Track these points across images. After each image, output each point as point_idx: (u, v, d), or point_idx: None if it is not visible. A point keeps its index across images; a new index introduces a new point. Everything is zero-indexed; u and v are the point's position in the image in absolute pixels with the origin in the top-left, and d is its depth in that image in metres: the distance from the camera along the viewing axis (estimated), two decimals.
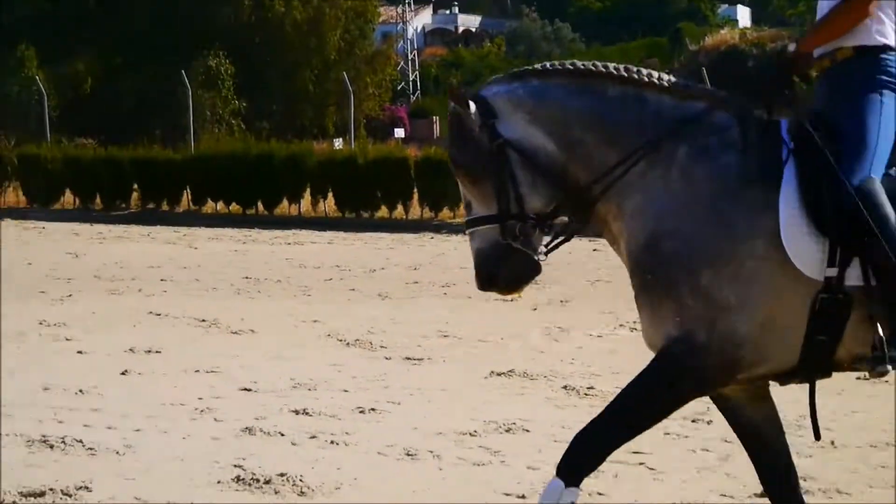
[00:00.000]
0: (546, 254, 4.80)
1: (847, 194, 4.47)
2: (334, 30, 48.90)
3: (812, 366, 4.62)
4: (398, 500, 5.92)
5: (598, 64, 4.92)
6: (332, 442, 7.02)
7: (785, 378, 4.67)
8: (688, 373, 4.54)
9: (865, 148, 4.59)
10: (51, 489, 5.92)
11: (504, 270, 4.74)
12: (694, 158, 4.68)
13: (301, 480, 6.19)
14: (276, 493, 6.07)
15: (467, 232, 4.82)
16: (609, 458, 4.55)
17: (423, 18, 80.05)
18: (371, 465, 6.58)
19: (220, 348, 10.01)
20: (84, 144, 29.01)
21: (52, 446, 6.78)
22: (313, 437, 7.11)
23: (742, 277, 4.50)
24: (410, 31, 68.75)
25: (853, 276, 4.49)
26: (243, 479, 6.22)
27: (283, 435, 7.13)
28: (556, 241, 4.83)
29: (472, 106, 4.79)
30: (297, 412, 7.68)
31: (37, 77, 37.43)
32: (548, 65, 4.94)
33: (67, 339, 10.33)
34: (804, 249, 4.49)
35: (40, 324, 11.07)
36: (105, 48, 45.70)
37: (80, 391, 8.26)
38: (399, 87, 60.46)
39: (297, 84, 47.51)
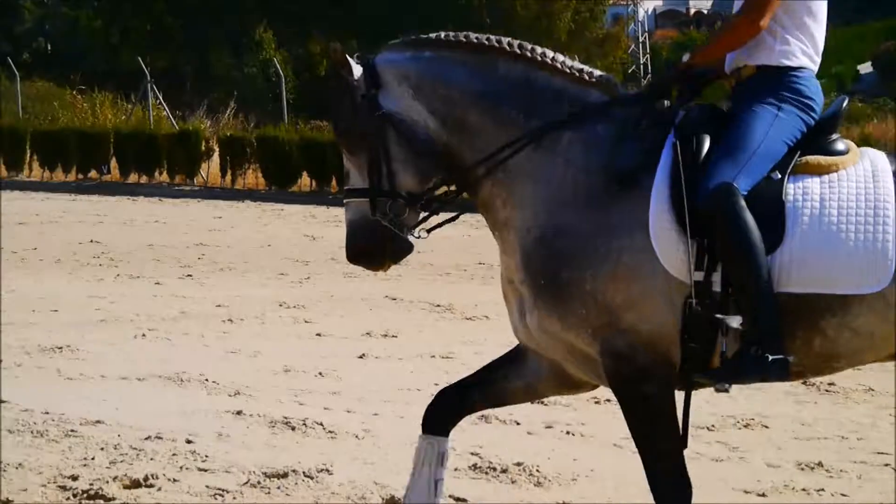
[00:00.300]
0: (428, 232, 4.74)
1: (703, 194, 4.35)
2: (565, 11, 48.70)
3: (689, 374, 4.42)
4: (636, 495, 5.86)
5: (493, 38, 4.69)
6: (567, 433, 7.01)
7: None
8: (641, 373, 4.42)
9: (741, 152, 4.44)
10: (293, 470, 6.05)
11: (371, 246, 4.63)
12: (581, 148, 4.53)
13: (538, 471, 6.18)
14: (512, 482, 6.08)
15: (343, 202, 4.70)
16: None
17: (654, 0, 79.15)
18: (608, 457, 6.54)
19: (454, 334, 10.10)
20: (319, 127, 29.50)
21: (293, 428, 6.95)
22: (549, 426, 7.11)
23: (620, 276, 4.37)
24: (641, 13, 67.94)
25: (718, 282, 4.35)
26: (480, 466, 6.25)
27: (518, 424, 7.15)
28: (433, 221, 4.74)
29: (357, 72, 4.65)
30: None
31: (274, 59, 38.39)
32: (443, 35, 4.72)
33: (307, 322, 10.58)
34: (670, 249, 4.36)
35: (280, 305, 11.37)
36: (341, 30, 46.56)
37: (320, 374, 8.45)
38: (630, 71, 59.85)
39: None
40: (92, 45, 51.31)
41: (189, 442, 6.54)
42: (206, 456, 6.30)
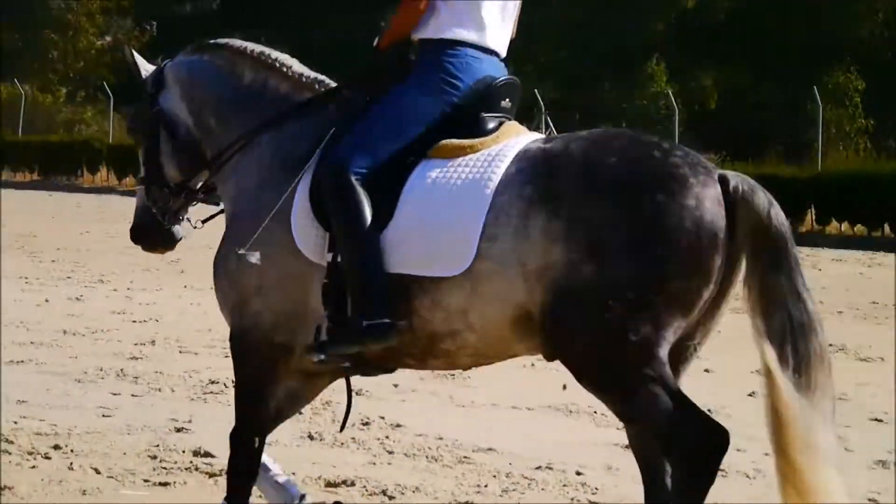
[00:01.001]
0: (203, 223, 5.33)
1: (316, 175, 4.66)
2: None
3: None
4: None
5: (249, 46, 5.17)
6: None
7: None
8: (242, 357, 4.81)
9: (363, 133, 4.67)
10: None
11: (146, 230, 5.27)
12: (270, 145, 4.92)
13: None
14: None
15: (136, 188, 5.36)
16: None
17: None
18: None
19: (847, 374, 9.73)
20: (709, 158, 29.21)
21: None
22: None
23: (262, 262, 4.63)
24: None
25: None
26: None
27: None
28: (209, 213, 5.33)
29: (145, 74, 5.37)
30: None
31: (668, 91, 38.32)
32: (221, 41, 5.26)
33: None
34: (306, 232, 4.63)
35: None
36: (733, 63, 45.96)
37: (709, 410, 8.30)
38: None
39: None
40: None
41: (579, 474, 6.59)
42: (596, 488, 6.33)
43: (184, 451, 6.85)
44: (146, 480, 6.31)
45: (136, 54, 5.47)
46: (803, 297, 4.29)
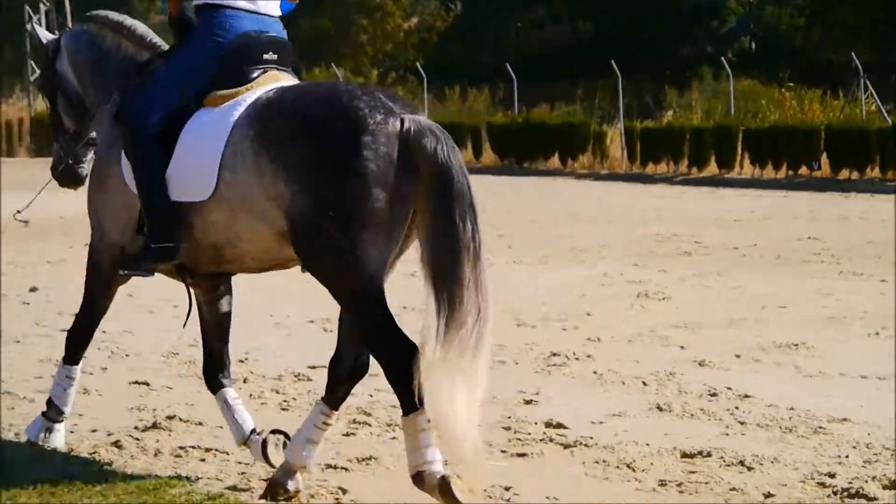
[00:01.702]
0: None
1: (120, 127, 5.86)
2: None
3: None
4: None
5: (111, 15, 6.36)
6: None
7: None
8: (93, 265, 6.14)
9: (150, 91, 5.78)
10: None
11: (57, 171, 6.57)
12: (116, 101, 6.02)
13: None
14: None
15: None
16: None
17: None
18: None
19: None
20: None
21: None
22: None
23: (104, 202, 5.96)
24: None
25: None
26: None
27: None
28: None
29: (45, 42, 6.51)
30: None
31: None
32: (94, 13, 6.45)
33: None
34: (129, 171, 5.73)
35: None
36: None
37: None
38: None
39: None
40: (795, 42, 51.37)
41: None
42: None
43: (536, 423, 6.97)
44: (503, 451, 6.45)
45: (36, 26, 6.99)
46: (457, 225, 5.05)
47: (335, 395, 5.59)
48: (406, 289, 7.39)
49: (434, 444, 5.16)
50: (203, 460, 6.21)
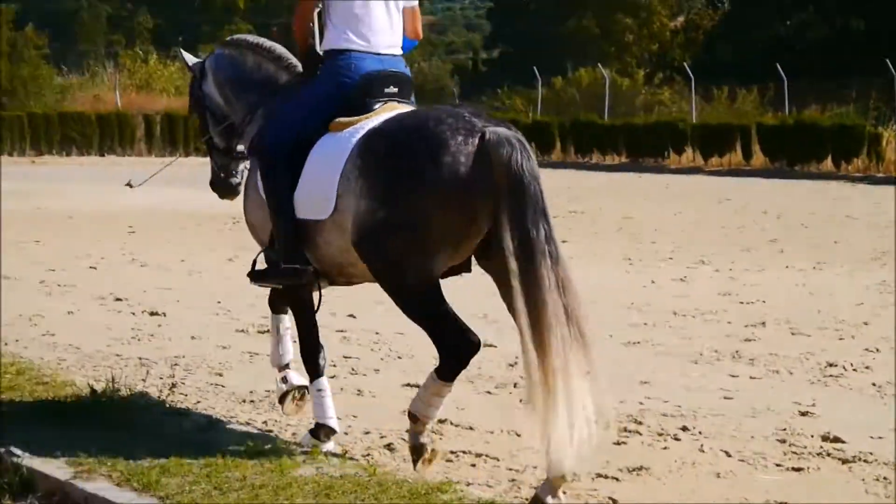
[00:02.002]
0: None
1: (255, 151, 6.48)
2: None
3: None
4: None
5: (250, 38, 6.98)
6: None
7: None
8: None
9: (282, 118, 6.35)
10: None
11: (214, 184, 7.08)
12: (259, 119, 6.59)
13: None
14: None
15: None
16: None
17: None
18: None
19: None
20: None
21: None
22: None
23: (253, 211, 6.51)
24: None
25: None
26: None
27: None
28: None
29: (191, 65, 7.14)
30: None
31: None
32: (233, 37, 7.14)
33: None
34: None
35: None
36: None
37: None
38: None
39: None
40: None
41: None
42: None
43: (812, 436, 6.75)
44: (778, 465, 6.26)
45: (182, 52, 7.42)
46: (530, 231, 5.39)
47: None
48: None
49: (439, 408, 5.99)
50: (473, 465, 6.24)
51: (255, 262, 6.37)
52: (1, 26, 47.86)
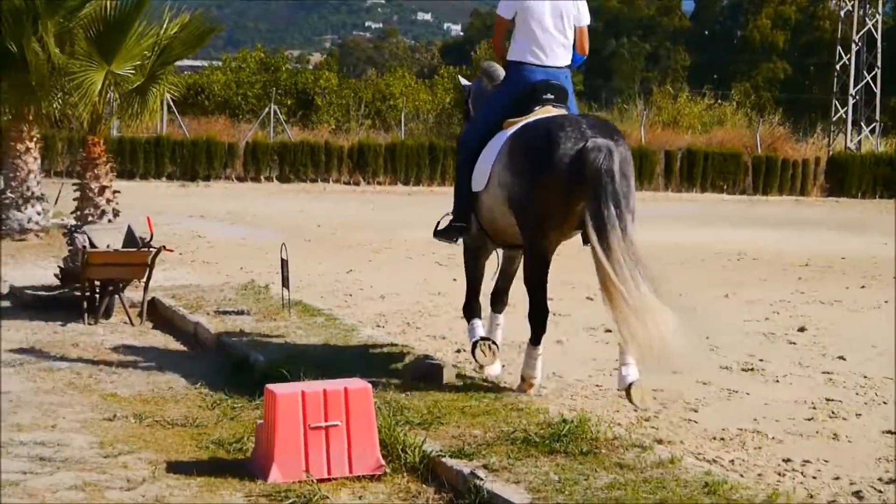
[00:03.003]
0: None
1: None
2: None
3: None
4: None
5: (484, 63, 9.42)
6: None
7: None
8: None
9: (475, 119, 8.87)
10: None
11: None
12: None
13: None
14: None
15: None
16: None
17: None
18: None
19: None
20: None
21: None
22: None
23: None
24: None
25: None
26: None
27: None
28: None
29: (464, 86, 9.58)
30: None
31: None
32: (483, 63, 9.78)
33: None
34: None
35: None
36: None
37: None
38: None
39: None
40: None
41: None
42: None
43: None
44: None
45: (459, 77, 10.09)
46: (602, 212, 7.40)
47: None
48: None
49: (539, 364, 8.24)
50: None
51: (437, 224, 8.77)
52: None
